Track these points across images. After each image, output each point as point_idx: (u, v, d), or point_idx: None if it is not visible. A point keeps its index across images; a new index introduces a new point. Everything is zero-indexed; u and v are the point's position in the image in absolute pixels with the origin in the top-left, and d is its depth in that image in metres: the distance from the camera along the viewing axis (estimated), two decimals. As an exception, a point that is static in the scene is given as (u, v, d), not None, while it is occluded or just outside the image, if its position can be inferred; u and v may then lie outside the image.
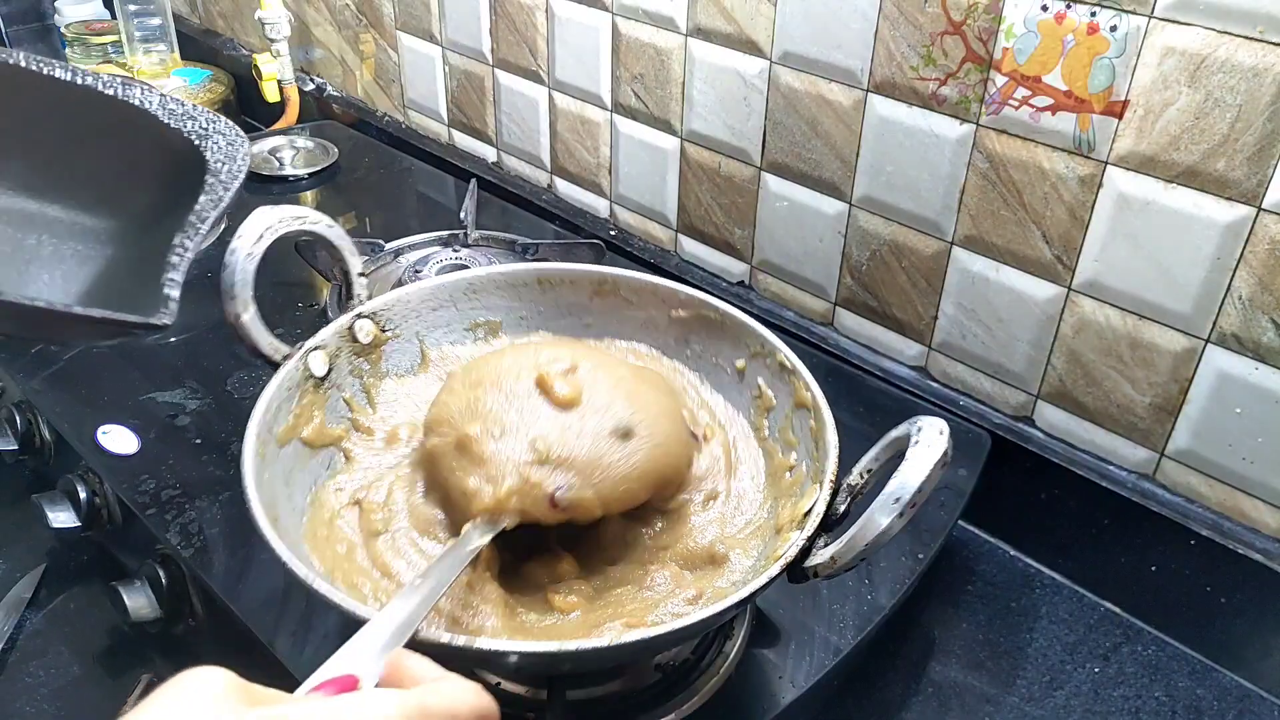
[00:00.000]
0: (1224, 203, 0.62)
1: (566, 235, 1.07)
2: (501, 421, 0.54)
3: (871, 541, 0.46)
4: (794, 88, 0.83)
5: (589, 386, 0.56)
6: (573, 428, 0.54)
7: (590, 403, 0.55)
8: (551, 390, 0.55)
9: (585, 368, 0.57)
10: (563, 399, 0.54)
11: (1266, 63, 0.58)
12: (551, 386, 0.55)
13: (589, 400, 0.55)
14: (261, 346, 0.59)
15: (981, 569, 0.77)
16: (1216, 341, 0.66)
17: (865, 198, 0.82)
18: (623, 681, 0.57)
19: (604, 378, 0.57)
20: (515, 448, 0.53)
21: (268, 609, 0.60)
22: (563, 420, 0.54)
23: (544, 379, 0.55)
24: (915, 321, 0.83)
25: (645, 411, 0.56)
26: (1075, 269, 0.71)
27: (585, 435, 0.53)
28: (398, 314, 0.66)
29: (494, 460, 0.52)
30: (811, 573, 0.49)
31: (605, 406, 0.55)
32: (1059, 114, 0.68)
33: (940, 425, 0.48)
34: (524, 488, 0.51)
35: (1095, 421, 0.75)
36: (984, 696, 0.67)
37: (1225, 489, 0.69)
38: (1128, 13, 0.62)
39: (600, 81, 1.00)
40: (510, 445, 0.53)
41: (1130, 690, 0.67)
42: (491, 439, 0.53)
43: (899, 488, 0.46)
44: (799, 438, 0.60)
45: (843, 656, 0.61)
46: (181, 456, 0.72)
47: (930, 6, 0.71)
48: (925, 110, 0.75)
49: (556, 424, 0.54)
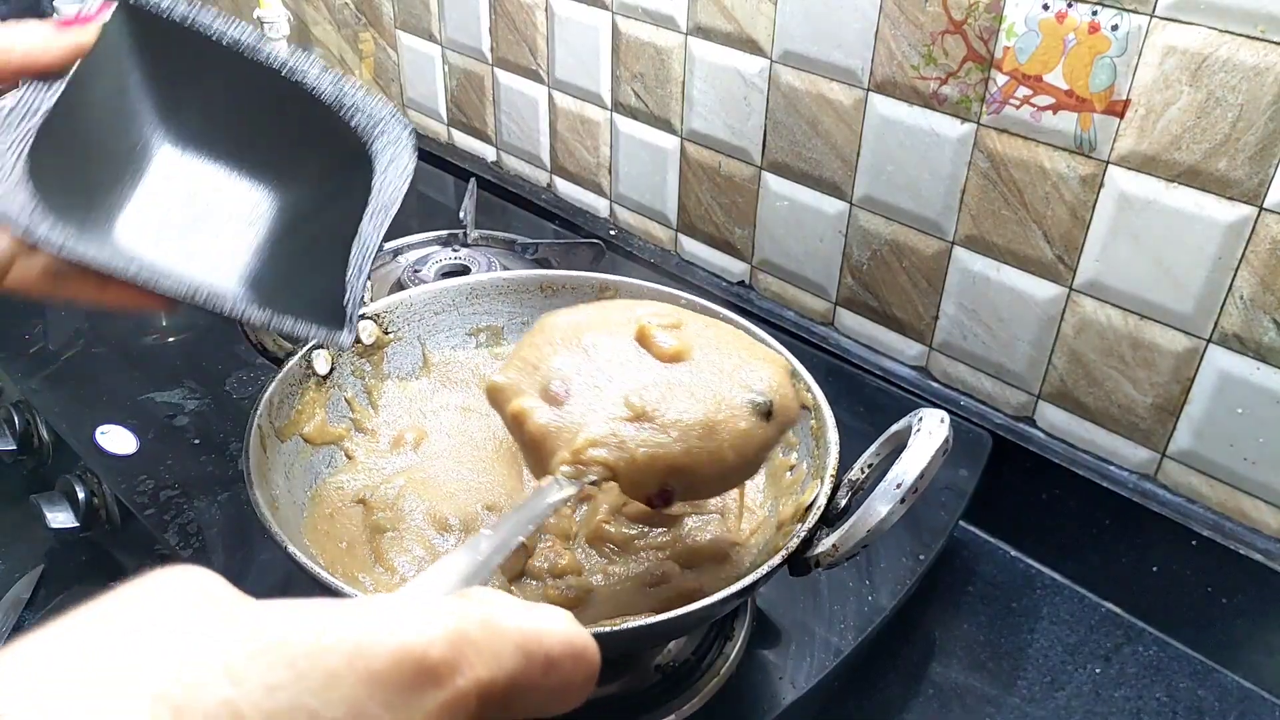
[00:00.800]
0: (1226, 202, 0.62)
1: (566, 235, 1.07)
2: (591, 373, 0.47)
3: (873, 528, 0.46)
4: (794, 87, 0.83)
5: (700, 345, 0.49)
6: (683, 384, 0.47)
7: (704, 361, 0.48)
8: (653, 342, 0.48)
9: (695, 325, 0.50)
10: (668, 352, 0.48)
11: (1268, 62, 0.58)
12: (653, 338, 0.48)
13: (703, 359, 0.48)
14: (265, 343, 0.59)
15: (982, 569, 0.76)
16: (1218, 341, 0.66)
17: (866, 197, 0.82)
18: (623, 682, 0.57)
19: (714, 336, 0.50)
20: (607, 400, 0.46)
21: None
22: (667, 375, 0.47)
23: (645, 331, 0.49)
24: (916, 321, 0.83)
25: (778, 382, 0.49)
26: (1076, 269, 0.71)
27: (699, 396, 0.46)
28: (400, 316, 0.66)
29: (580, 409, 0.46)
30: (813, 562, 0.49)
31: (730, 370, 0.48)
32: (1060, 113, 0.67)
33: (941, 415, 0.49)
34: (610, 439, 0.44)
35: (1096, 422, 0.74)
36: (985, 697, 0.67)
37: (1227, 489, 0.69)
38: (1129, 12, 0.62)
39: (600, 81, 1.00)
40: (603, 398, 0.46)
41: (1131, 691, 0.67)
42: (583, 389, 0.47)
43: (900, 474, 0.46)
44: (799, 438, 0.60)
45: (843, 657, 0.60)
46: (180, 456, 0.72)
47: (931, 6, 0.71)
48: (926, 109, 0.75)
49: (659, 379, 0.47)
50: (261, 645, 0.21)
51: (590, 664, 0.26)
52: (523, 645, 0.25)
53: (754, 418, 0.47)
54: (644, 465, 0.44)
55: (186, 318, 0.94)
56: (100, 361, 0.85)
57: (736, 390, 0.47)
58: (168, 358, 0.85)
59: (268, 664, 0.21)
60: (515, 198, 1.14)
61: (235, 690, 0.20)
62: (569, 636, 0.26)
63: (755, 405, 0.47)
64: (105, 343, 0.88)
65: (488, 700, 0.23)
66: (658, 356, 0.48)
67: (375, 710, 0.21)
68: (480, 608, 0.25)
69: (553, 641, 0.25)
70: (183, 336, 0.90)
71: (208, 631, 0.21)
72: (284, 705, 0.20)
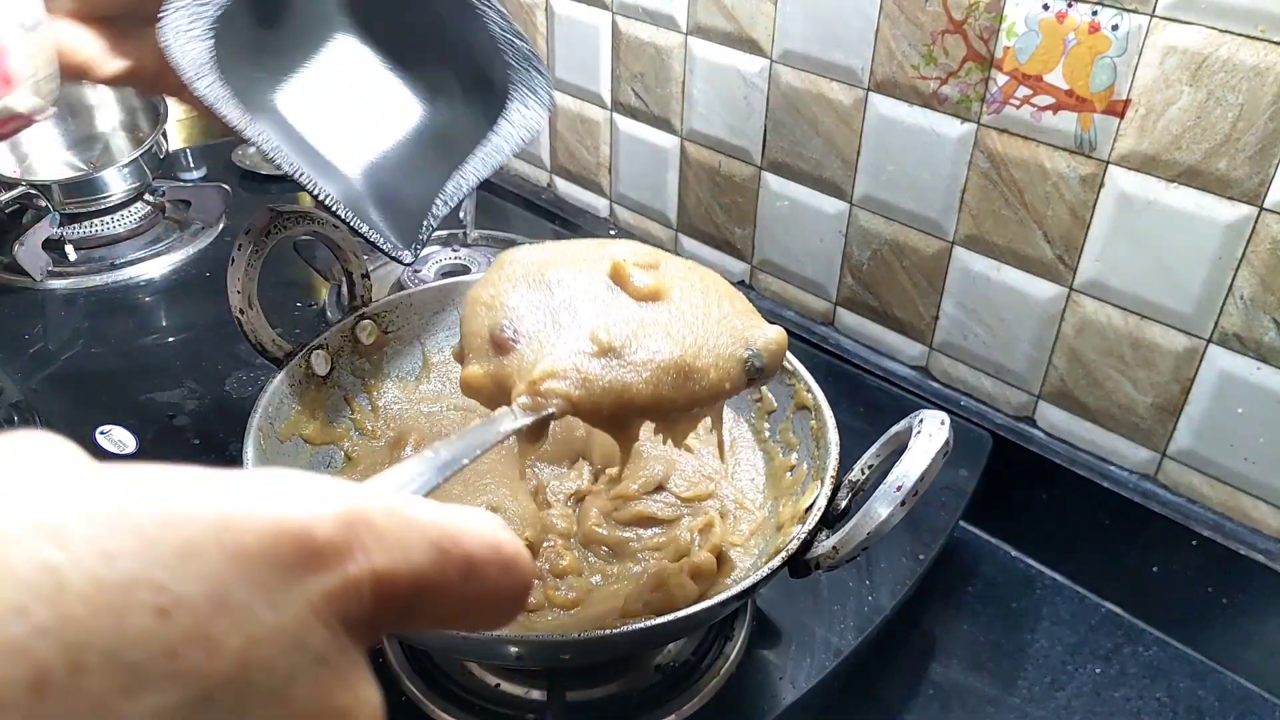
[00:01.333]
0: (1226, 202, 0.62)
1: (566, 235, 1.07)
2: (554, 311, 0.44)
3: (873, 530, 0.46)
4: (794, 87, 0.83)
5: (680, 287, 0.46)
6: (658, 323, 0.43)
7: (684, 303, 0.45)
8: (628, 280, 0.45)
9: (675, 266, 0.47)
10: (644, 290, 0.45)
11: (1268, 62, 0.58)
12: (628, 276, 0.45)
13: (683, 301, 0.45)
14: (265, 343, 0.59)
15: (982, 570, 0.76)
16: (1218, 341, 0.66)
17: (866, 197, 0.82)
18: (623, 682, 0.57)
19: (699, 280, 0.47)
20: (571, 336, 0.43)
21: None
22: (641, 314, 0.44)
23: (619, 270, 0.45)
24: (916, 321, 0.83)
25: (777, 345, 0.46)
26: (1077, 269, 0.71)
27: (677, 337, 0.43)
28: (400, 315, 0.66)
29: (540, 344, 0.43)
30: (813, 564, 0.49)
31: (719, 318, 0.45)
32: (1060, 113, 0.67)
33: (941, 417, 0.48)
34: (572, 373, 0.41)
35: (1097, 422, 0.74)
36: (985, 697, 0.67)
37: (1227, 489, 0.69)
38: (1129, 11, 0.62)
39: (600, 80, 1.00)
40: (565, 335, 0.43)
41: (1132, 691, 0.67)
42: (542, 327, 0.43)
43: (900, 477, 0.46)
44: (800, 438, 0.60)
45: (843, 657, 0.60)
46: (180, 457, 0.72)
47: (931, 5, 0.71)
48: (926, 109, 0.75)
49: (632, 316, 0.44)
50: (104, 509, 0.17)
51: (521, 576, 0.23)
52: (437, 541, 0.21)
53: (741, 374, 0.44)
54: (608, 403, 0.41)
55: (185, 319, 0.94)
56: (100, 361, 0.85)
57: (728, 341, 0.44)
58: (168, 358, 0.85)
59: (108, 528, 0.17)
60: (515, 198, 1.14)
61: (61, 555, 0.16)
62: (495, 541, 0.22)
63: (749, 364, 0.45)
64: (105, 343, 0.88)
65: (388, 596, 0.20)
66: (633, 295, 0.45)
67: (241, 592, 0.18)
68: (392, 496, 0.21)
69: (475, 543, 0.22)
70: (183, 336, 0.90)
71: (39, 491, 0.17)
72: (123, 576, 0.17)
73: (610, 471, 0.59)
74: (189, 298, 0.98)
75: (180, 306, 0.97)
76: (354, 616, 0.19)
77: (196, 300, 0.97)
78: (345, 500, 0.20)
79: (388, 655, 0.57)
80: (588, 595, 0.54)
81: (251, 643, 0.17)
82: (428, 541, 0.21)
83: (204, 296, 0.96)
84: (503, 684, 0.56)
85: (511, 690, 0.56)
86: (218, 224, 1.07)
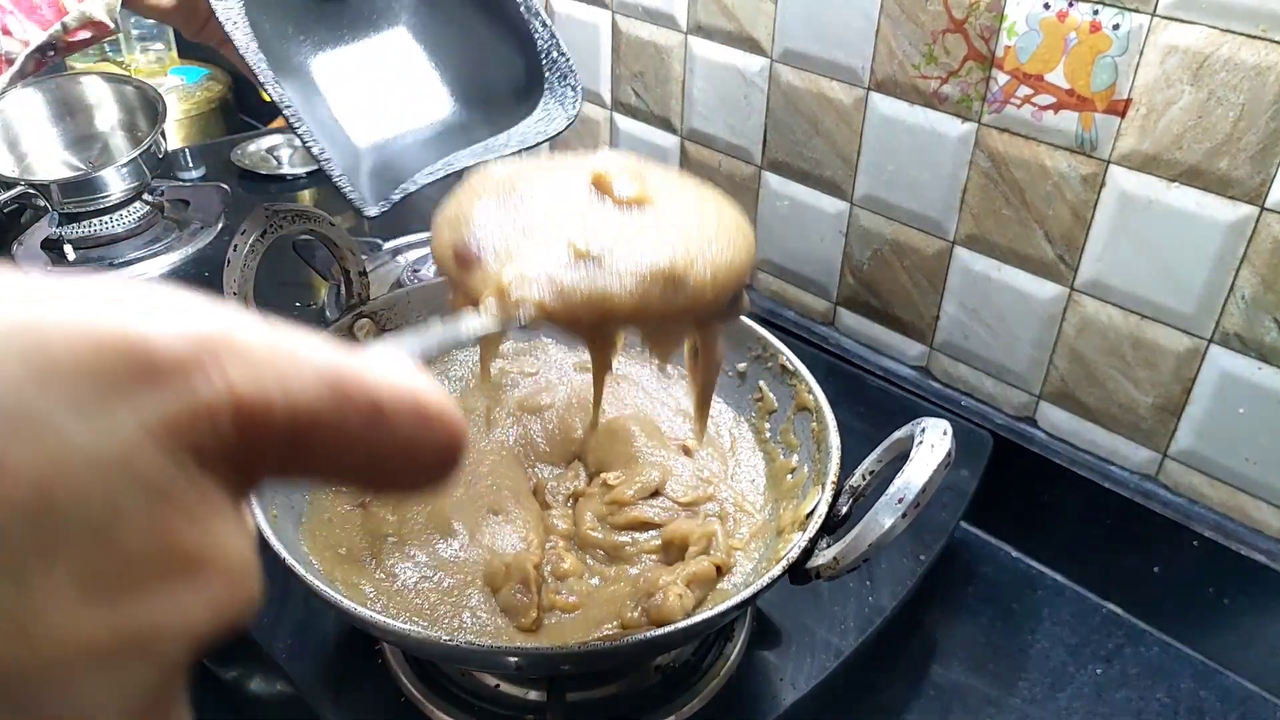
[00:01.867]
0: (1227, 202, 0.62)
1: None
2: (526, 221, 0.41)
3: (875, 542, 0.46)
4: (795, 86, 0.82)
5: (667, 195, 0.43)
6: (644, 229, 0.40)
7: (671, 210, 0.42)
8: (610, 188, 0.42)
9: (662, 174, 0.45)
10: (628, 197, 0.42)
11: (1269, 61, 0.58)
12: (610, 182, 0.42)
13: (671, 208, 0.42)
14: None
15: (983, 570, 0.76)
16: (1219, 341, 0.66)
17: (866, 197, 0.82)
18: (623, 683, 0.57)
19: (690, 189, 0.45)
20: (544, 244, 0.40)
21: (266, 610, 0.60)
22: (625, 220, 0.41)
23: (602, 180, 0.42)
24: (917, 321, 0.83)
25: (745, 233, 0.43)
26: (1078, 268, 0.71)
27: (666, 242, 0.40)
28: (398, 314, 0.66)
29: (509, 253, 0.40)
30: (814, 574, 0.49)
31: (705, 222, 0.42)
32: (1061, 113, 0.67)
33: (944, 426, 0.48)
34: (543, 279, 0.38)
35: (1098, 422, 0.74)
36: (986, 698, 0.66)
37: (1228, 490, 0.69)
38: (1130, 11, 0.62)
39: (600, 79, 1.00)
40: (538, 243, 0.40)
41: (1133, 692, 0.67)
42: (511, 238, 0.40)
43: (902, 488, 0.46)
44: (800, 440, 0.59)
45: (844, 658, 0.60)
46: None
47: (932, 4, 0.71)
48: (927, 109, 0.75)
49: (614, 222, 0.41)
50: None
51: (447, 433, 0.20)
52: (331, 379, 0.18)
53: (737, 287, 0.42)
54: (587, 314, 0.39)
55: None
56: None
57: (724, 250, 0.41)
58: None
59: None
60: (515, 197, 1.14)
61: None
62: (411, 390, 0.19)
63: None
64: (104, 343, 0.88)
65: (259, 431, 0.17)
66: (616, 203, 0.42)
67: (42, 408, 0.15)
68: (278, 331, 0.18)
69: (383, 388, 0.19)
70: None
71: None
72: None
73: (604, 476, 0.59)
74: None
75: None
76: (211, 449, 0.16)
77: (195, 300, 0.97)
78: (209, 322, 0.17)
79: (387, 655, 0.57)
80: (588, 598, 0.53)
81: (54, 467, 0.15)
82: (317, 377, 0.18)
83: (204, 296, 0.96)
84: (502, 685, 0.56)
85: (511, 691, 0.56)
86: (217, 223, 1.07)
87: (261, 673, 0.62)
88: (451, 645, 0.45)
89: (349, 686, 0.56)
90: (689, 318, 0.42)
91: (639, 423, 0.62)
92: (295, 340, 0.18)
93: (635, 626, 0.50)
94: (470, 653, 0.45)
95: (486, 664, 0.53)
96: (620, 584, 0.54)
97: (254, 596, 0.17)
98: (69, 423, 0.15)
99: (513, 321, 0.38)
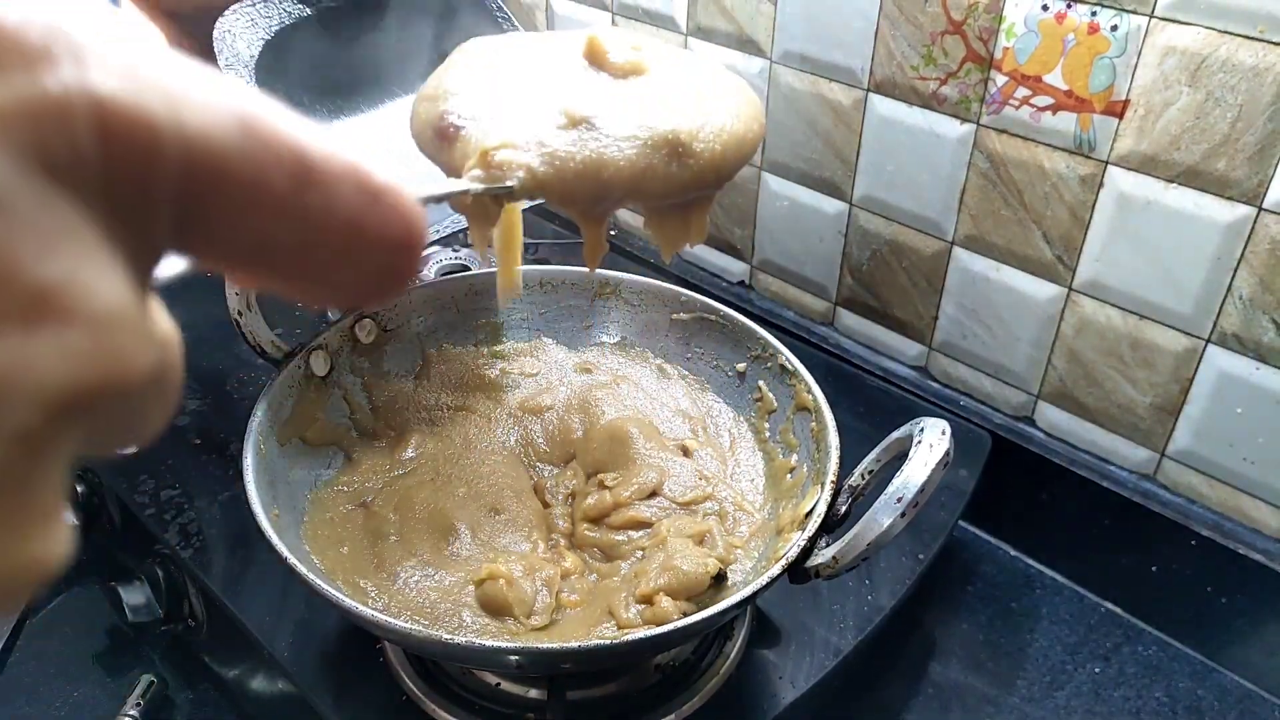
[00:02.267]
0: (1225, 202, 0.62)
1: (566, 235, 1.07)
2: (512, 91, 0.39)
3: (873, 541, 0.46)
4: (794, 87, 0.83)
5: (663, 64, 0.41)
6: (643, 96, 0.38)
7: (667, 79, 0.40)
8: (605, 58, 0.40)
9: (658, 45, 0.43)
10: (625, 66, 0.40)
11: (1267, 62, 0.58)
12: (605, 53, 0.40)
13: (667, 77, 0.40)
14: (264, 345, 0.59)
15: (982, 569, 0.77)
16: (1217, 341, 0.66)
17: (866, 197, 0.82)
18: (623, 682, 0.57)
19: (678, 56, 0.43)
20: (533, 110, 0.37)
21: (267, 609, 0.60)
22: (622, 88, 0.39)
23: (596, 45, 0.40)
24: (916, 321, 0.83)
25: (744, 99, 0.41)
26: (1076, 269, 0.71)
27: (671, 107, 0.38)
28: (400, 313, 0.66)
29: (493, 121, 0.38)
30: (813, 573, 0.49)
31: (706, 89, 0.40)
32: (1059, 114, 0.67)
33: (943, 426, 0.49)
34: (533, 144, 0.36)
35: (1096, 422, 0.74)
36: (985, 697, 0.67)
37: (1226, 489, 0.69)
38: (1128, 12, 0.62)
39: (600, 81, 1.00)
40: (526, 110, 0.38)
41: (1131, 691, 0.67)
42: (494, 107, 0.38)
43: (901, 487, 0.46)
44: (800, 439, 0.60)
45: (843, 657, 0.60)
46: (181, 456, 0.72)
47: (931, 6, 0.71)
48: (926, 110, 0.75)
49: (610, 89, 0.39)
50: None
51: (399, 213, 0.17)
52: (250, 124, 0.15)
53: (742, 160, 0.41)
54: (583, 186, 0.36)
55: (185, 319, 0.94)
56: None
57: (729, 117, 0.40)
58: (168, 358, 0.85)
59: None
60: (515, 198, 1.14)
61: None
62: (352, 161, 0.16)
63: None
64: (105, 343, 0.88)
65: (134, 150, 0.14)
66: (611, 73, 0.39)
67: None
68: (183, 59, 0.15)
69: (315, 150, 0.16)
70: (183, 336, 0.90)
71: None
72: None
73: (602, 477, 0.59)
74: (189, 298, 0.98)
75: (180, 307, 0.97)
76: (65, 157, 0.13)
77: (197, 300, 0.97)
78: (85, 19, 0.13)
79: (388, 654, 0.58)
80: (588, 595, 0.54)
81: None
82: (229, 115, 0.15)
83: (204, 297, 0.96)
84: (503, 683, 0.56)
85: (512, 689, 0.56)
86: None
87: (263, 671, 0.62)
88: (453, 644, 0.45)
89: (350, 685, 0.57)
90: (692, 194, 0.39)
91: (637, 424, 0.62)
92: (203, 71, 0.14)
93: (630, 625, 0.50)
94: (471, 651, 0.46)
95: (487, 663, 0.54)
96: (614, 579, 0.54)
97: (128, 358, 0.14)
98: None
99: (500, 185, 0.35)
